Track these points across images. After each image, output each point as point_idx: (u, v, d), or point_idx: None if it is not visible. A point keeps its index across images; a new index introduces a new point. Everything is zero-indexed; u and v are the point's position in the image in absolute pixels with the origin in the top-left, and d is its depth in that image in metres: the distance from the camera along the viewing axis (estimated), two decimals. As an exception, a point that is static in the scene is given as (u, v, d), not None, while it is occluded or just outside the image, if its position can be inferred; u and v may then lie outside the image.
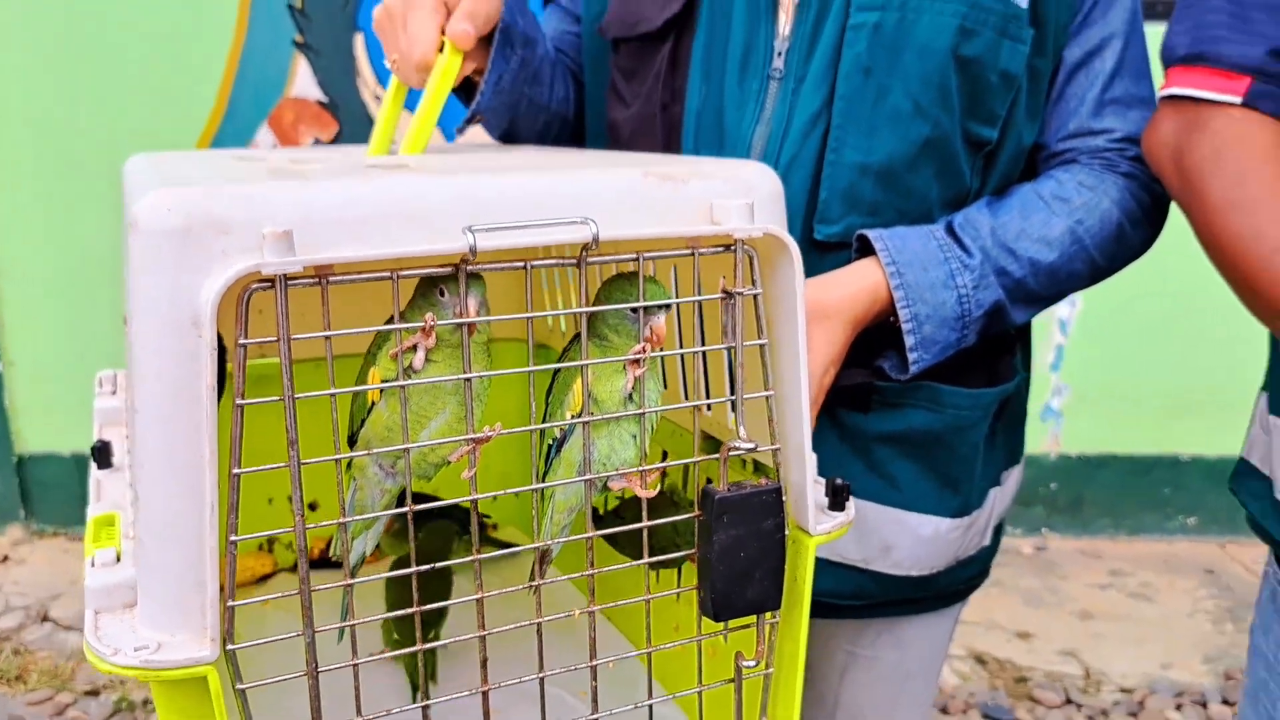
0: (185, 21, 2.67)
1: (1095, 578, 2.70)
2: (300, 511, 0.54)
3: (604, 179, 0.60)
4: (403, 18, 0.80)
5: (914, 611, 0.97)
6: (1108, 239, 0.88)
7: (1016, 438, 0.99)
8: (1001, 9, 0.84)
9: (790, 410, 0.66)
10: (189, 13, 2.66)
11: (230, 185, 0.54)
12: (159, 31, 2.67)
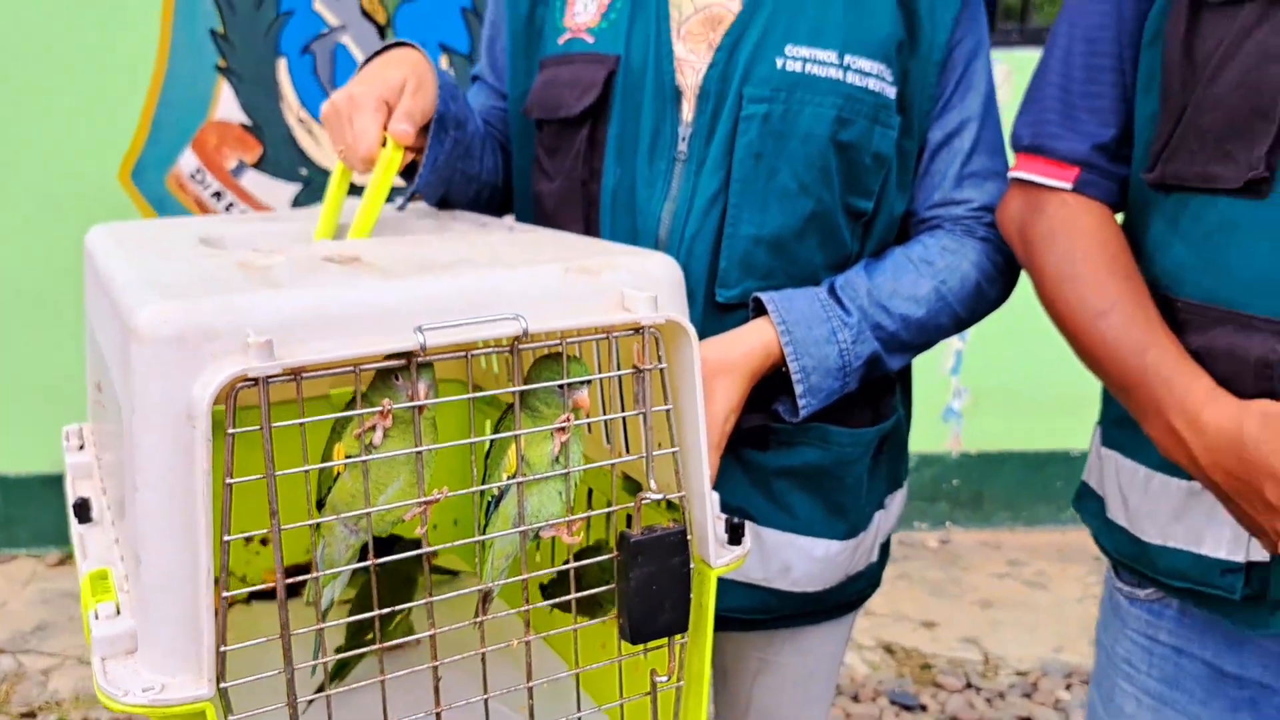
0: (107, 47, 2.69)
1: (995, 568, 2.90)
2: (281, 570, 0.64)
3: (531, 276, 0.72)
4: (349, 116, 0.90)
5: (813, 622, 1.10)
6: (967, 296, 1.02)
7: (898, 466, 1.13)
8: (873, 100, 0.97)
9: (693, 462, 0.78)
10: (111, 38, 2.69)
11: (216, 297, 0.64)
12: (82, 57, 2.69)
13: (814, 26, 0.96)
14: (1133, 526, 0.93)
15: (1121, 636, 0.99)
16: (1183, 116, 0.83)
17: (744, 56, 0.96)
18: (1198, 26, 0.82)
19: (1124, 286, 0.87)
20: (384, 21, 2.84)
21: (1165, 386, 0.83)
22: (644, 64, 0.98)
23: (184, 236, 0.91)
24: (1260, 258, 0.79)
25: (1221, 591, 0.86)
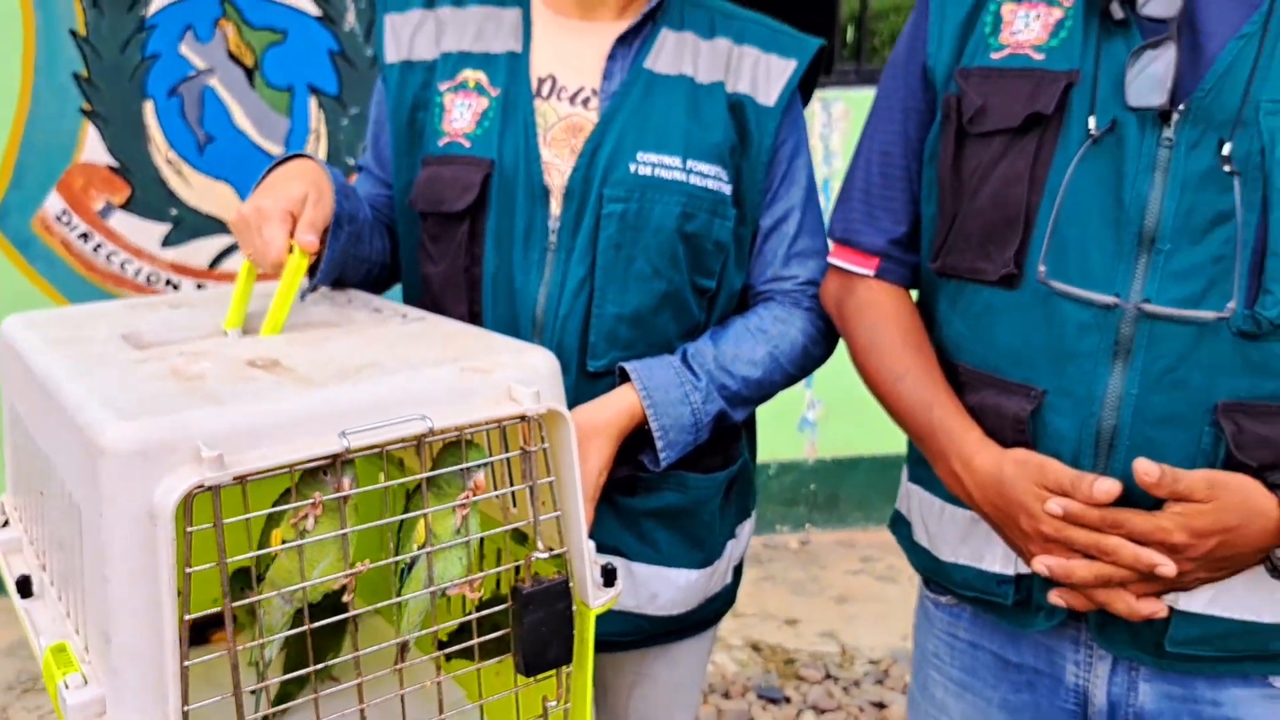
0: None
1: (850, 565, 3.16)
2: (232, 639, 0.77)
3: (433, 378, 0.86)
4: (257, 227, 1.01)
5: (679, 638, 1.28)
6: (796, 357, 1.21)
7: (746, 499, 1.31)
8: (711, 197, 1.15)
9: (572, 522, 0.93)
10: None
11: (169, 416, 0.76)
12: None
13: (660, 136, 1.13)
14: (932, 547, 1.13)
15: (930, 635, 1.20)
16: (954, 222, 1.03)
17: (602, 162, 1.12)
18: (962, 151, 1.02)
19: (915, 356, 1.07)
20: (251, 64, 2.90)
21: (946, 437, 1.03)
22: (515, 166, 1.13)
23: (104, 333, 1.01)
24: (1013, 335, 1.00)
25: (998, 598, 1.07)
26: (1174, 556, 0.91)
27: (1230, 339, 0.92)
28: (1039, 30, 1.00)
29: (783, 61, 1.18)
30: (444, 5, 1.20)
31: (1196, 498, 0.91)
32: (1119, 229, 0.95)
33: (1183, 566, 0.92)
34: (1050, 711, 1.10)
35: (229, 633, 0.77)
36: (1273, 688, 1.01)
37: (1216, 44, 0.93)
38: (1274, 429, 0.92)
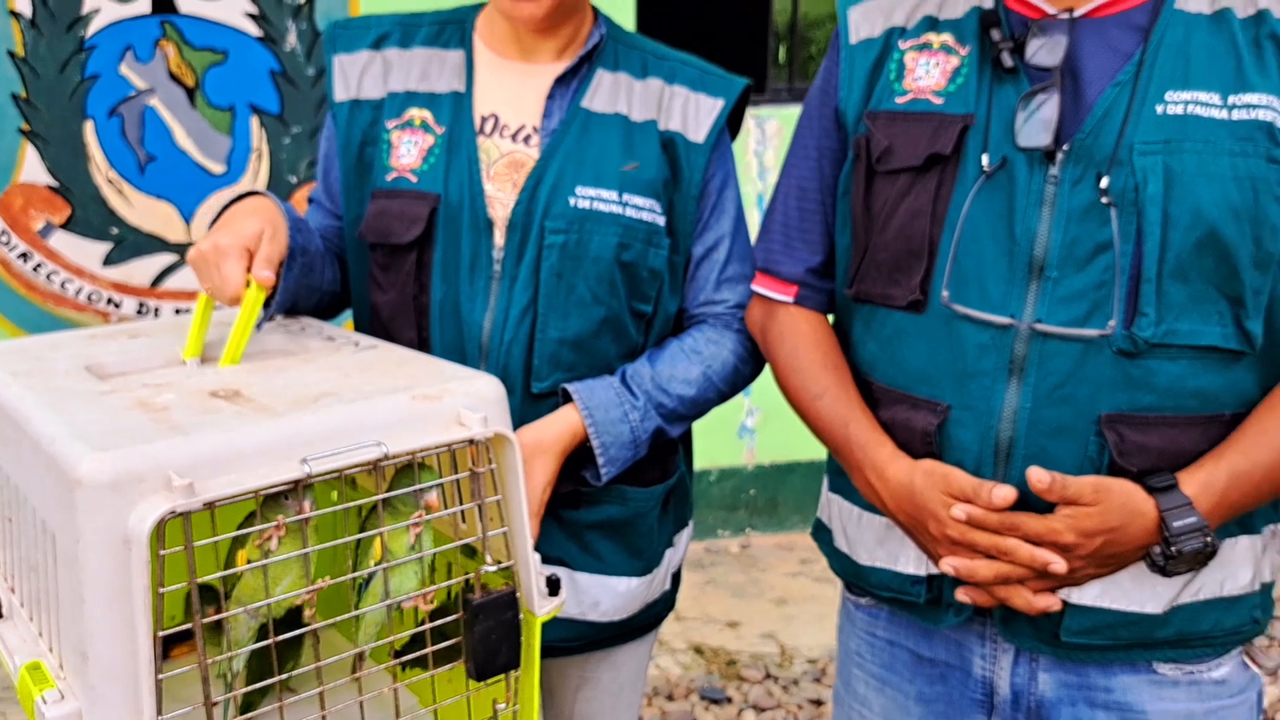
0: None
1: (789, 568, 3.26)
2: (203, 653, 0.83)
3: (386, 406, 0.93)
4: (216, 263, 1.07)
5: (621, 642, 1.35)
6: (728, 375, 1.29)
7: (683, 509, 1.39)
8: (646, 228, 1.22)
9: (518, 537, 1.00)
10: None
11: (140, 446, 0.82)
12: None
13: (597, 171, 1.21)
14: (851, 552, 1.22)
15: (852, 635, 1.29)
16: (866, 252, 1.12)
17: (544, 196, 1.20)
18: (871, 188, 1.11)
19: (833, 376, 1.16)
20: (192, 84, 2.92)
21: (862, 450, 1.12)
22: (461, 200, 1.20)
23: (67, 364, 1.06)
24: (920, 356, 1.09)
25: (912, 598, 1.16)
26: (1065, 555, 1.01)
27: (1111, 357, 1.02)
28: (938, 77, 1.09)
29: (711, 100, 1.26)
30: (390, 46, 1.27)
31: (1084, 501, 1.00)
32: (1012, 257, 1.04)
33: (1073, 564, 1.02)
34: (961, 702, 1.20)
35: (200, 647, 0.83)
36: (1156, 674, 1.12)
37: (1095, 91, 1.03)
38: (1152, 438, 1.03)
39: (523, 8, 1.17)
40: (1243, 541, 1.09)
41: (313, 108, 3.03)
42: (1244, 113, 1.00)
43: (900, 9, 1.14)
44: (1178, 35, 1.02)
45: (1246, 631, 1.12)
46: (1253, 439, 1.02)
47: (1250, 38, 1.01)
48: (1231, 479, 1.01)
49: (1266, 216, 0.99)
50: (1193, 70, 1.01)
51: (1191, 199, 0.99)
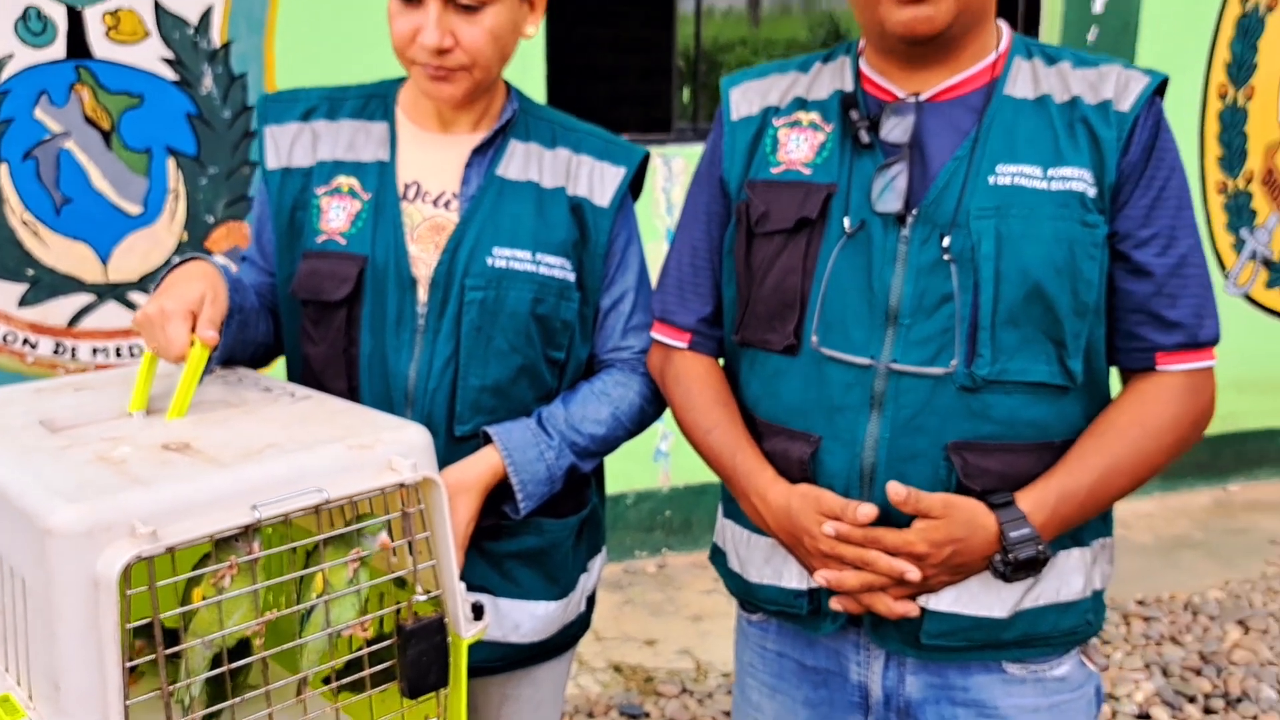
0: None
1: (704, 585, 3.40)
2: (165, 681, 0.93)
3: (326, 456, 1.04)
4: (161, 325, 1.16)
5: (540, 661, 1.46)
6: (635, 415, 1.43)
7: (596, 537, 1.51)
8: (558, 284, 1.36)
9: (446, 569, 1.12)
10: None
11: (106, 498, 0.92)
12: None
13: (512, 234, 1.33)
14: (743, 571, 1.36)
15: (745, 648, 1.43)
16: (748, 303, 1.27)
17: (463, 256, 1.32)
18: (751, 247, 1.26)
19: (722, 412, 1.31)
20: (108, 127, 2.96)
21: (747, 478, 1.26)
22: (387, 261, 1.32)
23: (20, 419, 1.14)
24: (795, 393, 1.24)
25: (796, 610, 1.30)
26: (919, 564, 1.16)
27: (955, 392, 1.18)
28: (807, 150, 1.25)
29: (614, 168, 1.40)
30: (318, 119, 1.38)
31: (934, 515, 1.16)
32: (871, 307, 1.20)
33: (926, 572, 1.17)
34: (841, 704, 1.35)
35: (162, 676, 0.93)
36: (1006, 673, 1.28)
37: (938, 163, 1.20)
38: (992, 462, 1.19)
39: (443, 89, 1.29)
40: (1075, 553, 1.26)
41: (229, 149, 3.09)
42: (1061, 183, 1.17)
43: (775, 90, 1.30)
44: (1006, 117, 1.20)
45: (1082, 633, 1.29)
46: (1077, 462, 1.20)
47: (1065, 121, 1.19)
48: (1060, 497, 1.18)
49: (1081, 272, 1.17)
50: (1019, 147, 1.19)
51: (1019, 257, 1.16)
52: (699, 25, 3.66)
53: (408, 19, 1.27)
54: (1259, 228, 4.04)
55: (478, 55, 1.28)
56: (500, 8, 1.28)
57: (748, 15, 4.71)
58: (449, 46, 1.26)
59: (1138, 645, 3.01)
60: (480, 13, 1.26)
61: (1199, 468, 4.20)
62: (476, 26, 1.27)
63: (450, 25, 1.26)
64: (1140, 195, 1.19)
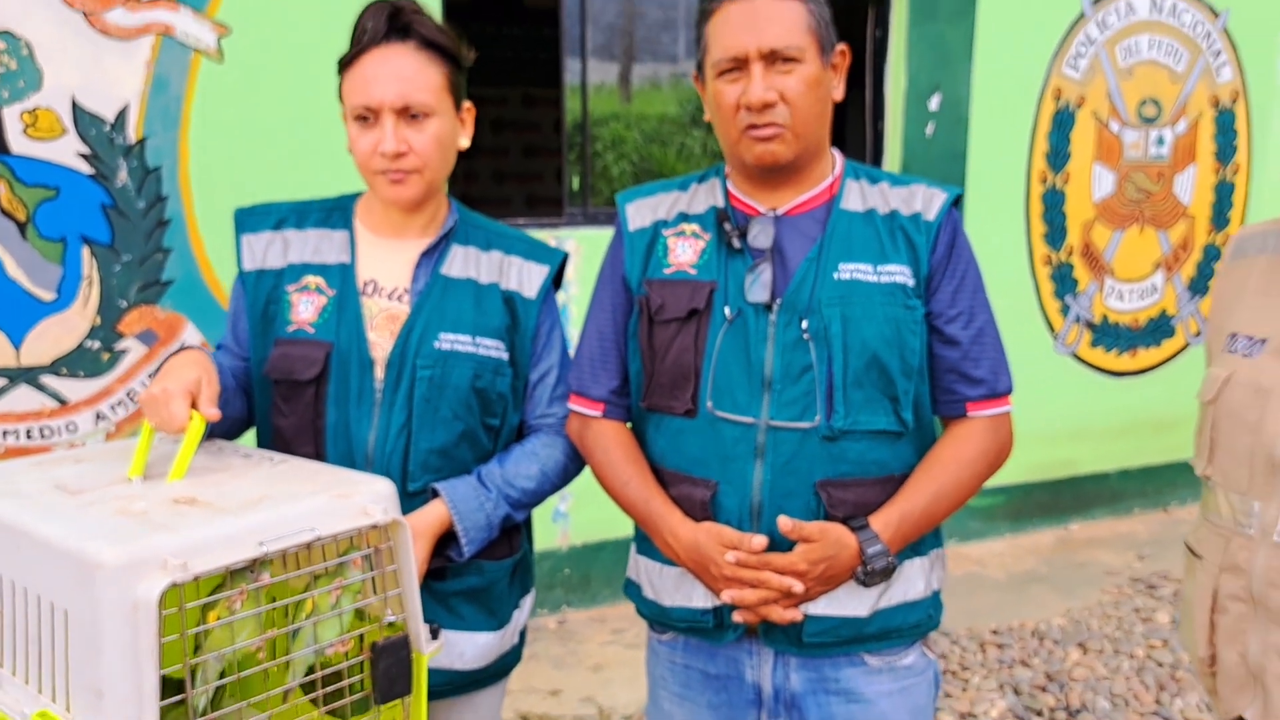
0: None
1: (603, 638, 3.62)
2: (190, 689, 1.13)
3: (315, 504, 1.27)
4: (165, 403, 1.37)
5: (480, 687, 1.69)
6: (560, 471, 1.68)
7: (527, 578, 1.75)
8: (494, 362, 1.61)
9: (409, 596, 1.35)
10: None
11: (142, 540, 1.13)
12: None
13: (455, 321, 1.59)
14: (656, 598, 1.63)
15: (657, 664, 1.69)
16: (652, 376, 1.56)
17: (414, 341, 1.57)
18: (652, 332, 1.55)
19: (634, 467, 1.58)
20: (24, 219, 3.09)
21: (660, 520, 1.54)
22: (349, 346, 1.56)
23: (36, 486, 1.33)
24: (695, 447, 1.53)
25: (703, 624, 1.57)
26: (801, 579, 1.45)
27: (819, 441, 1.48)
28: (691, 254, 1.56)
29: (539, 266, 1.68)
30: (288, 228, 1.63)
31: (814, 539, 1.46)
32: (750, 377, 1.50)
33: (807, 585, 1.46)
34: (739, 704, 1.61)
35: (188, 684, 1.14)
36: (866, 664, 1.57)
37: (794, 263, 1.52)
38: (848, 494, 1.49)
39: (401, 191, 1.55)
40: (917, 562, 1.57)
41: (143, 237, 3.24)
42: (888, 277, 1.51)
43: (663, 206, 1.61)
44: (844, 226, 1.53)
45: (924, 626, 1.60)
46: (913, 490, 1.51)
47: (888, 229, 1.53)
48: (901, 518, 1.49)
49: (907, 344, 1.50)
50: (854, 249, 1.52)
51: (860, 334, 1.48)
52: (585, 111, 4.00)
53: (368, 137, 1.53)
54: (1081, 294, 4.58)
55: (427, 158, 1.55)
56: (440, 119, 1.56)
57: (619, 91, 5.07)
58: (404, 151, 1.53)
59: (992, 669, 3.37)
60: (426, 121, 1.54)
61: (1043, 510, 4.67)
62: (424, 134, 1.54)
63: (403, 134, 1.53)
64: (946, 283, 1.53)
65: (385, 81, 1.51)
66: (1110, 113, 4.49)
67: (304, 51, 3.27)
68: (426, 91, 1.53)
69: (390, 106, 1.51)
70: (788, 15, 1.46)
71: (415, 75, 1.52)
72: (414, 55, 1.53)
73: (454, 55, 1.58)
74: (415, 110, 1.52)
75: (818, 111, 1.50)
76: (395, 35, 1.53)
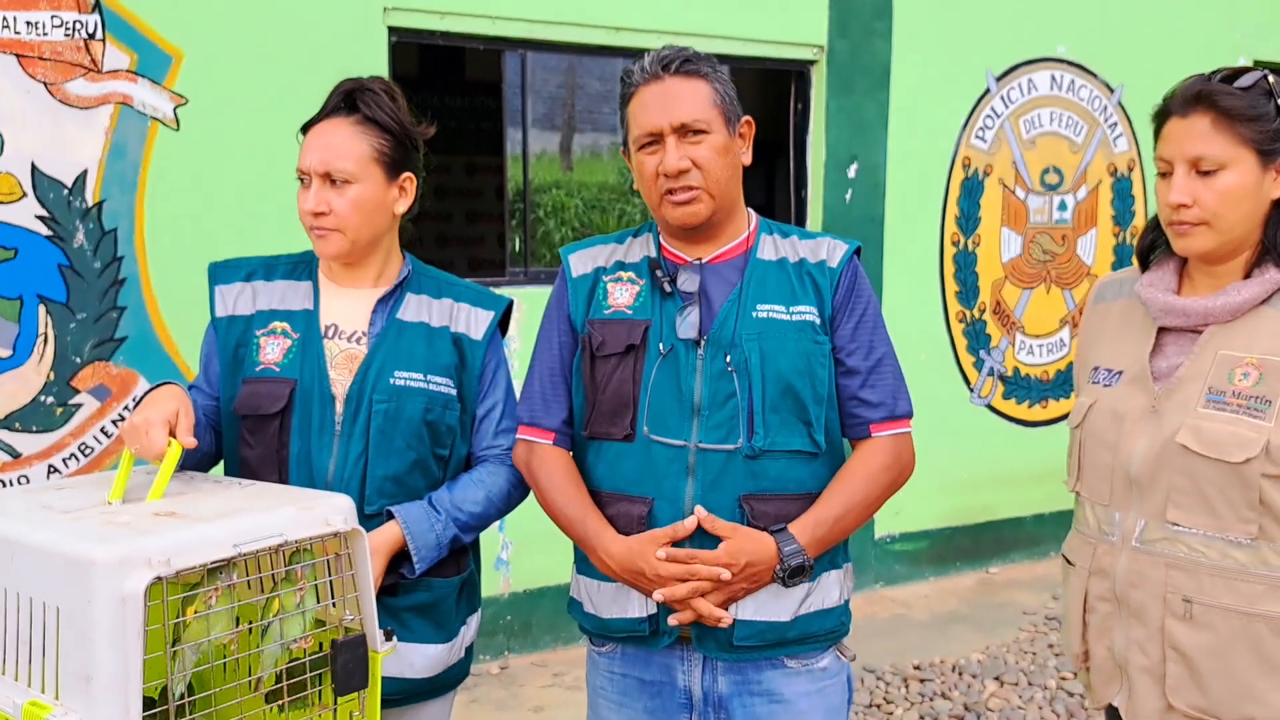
0: None
1: (544, 681, 3.72)
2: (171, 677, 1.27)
3: (283, 514, 1.42)
4: (145, 431, 1.52)
5: (430, 697, 1.82)
6: (504, 497, 1.84)
7: (474, 598, 1.89)
8: (444, 397, 1.78)
9: (365, 599, 1.50)
10: None
11: (129, 541, 1.27)
12: None
13: (408, 360, 1.76)
14: (596, 611, 1.77)
15: (596, 675, 1.84)
16: (594, 406, 1.74)
17: (371, 378, 1.74)
18: (594, 366, 1.73)
19: (575, 491, 1.74)
20: (-20, 281, 3.19)
21: (595, 538, 1.70)
22: (311, 384, 1.72)
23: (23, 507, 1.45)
24: (633, 469, 1.70)
25: (640, 632, 1.72)
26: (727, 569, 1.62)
27: (742, 461, 1.67)
28: (628, 297, 1.75)
29: (485, 312, 1.86)
30: (257, 279, 1.80)
31: (727, 535, 1.62)
32: (681, 405, 1.69)
33: (732, 577, 1.62)
34: (672, 708, 1.77)
35: (169, 670, 1.27)
36: (787, 667, 1.74)
37: (718, 304, 1.72)
38: (769, 508, 1.67)
39: (324, 247, 1.74)
40: (833, 573, 1.75)
41: (98, 296, 3.35)
42: (799, 316, 1.71)
43: (602, 256, 1.81)
44: (759, 273, 1.74)
45: (838, 632, 1.77)
46: (825, 502, 1.70)
47: (797, 275, 1.74)
48: (816, 524, 1.67)
49: (816, 374, 1.70)
50: (769, 292, 1.72)
51: (775, 366, 1.68)
52: (526, 178, 4.22)
53: (302, 197, 1.74)
54: (994, 349, 4.88)
55: (345, 219, 1.73)
56: (363, 186, 1.74)
57: (560, 159, 5.29)
58: (324, 211, 1.72)
59: (915, 702, 3.54)
60: (347, 187, 1.73)
61: (965, 554, 4.89)
62: (343, 197, 1.73)
63: (325, 197, 1.72)
64: (848, 321, 1.75)
65: (314, 150, 1.72)
66: (1016, 180, 4.83)
67: (255, 121, 3.45)
68: (348, 160, 1.72)
69: (316, 171, 1.72)
70: (695, 94, 1.68)
71: (341, 145, 1.72)
72: (349, 128, 1.73)
73: (392, 131, 1.76)
74: (335, 177, 1.72)
75: (728, 175, 1.72)
76: (342, 110, 1.75)
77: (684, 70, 1.70)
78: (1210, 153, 1.59)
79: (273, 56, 3.47)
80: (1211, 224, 1.61)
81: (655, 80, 1.69)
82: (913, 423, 1.79)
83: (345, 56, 3.45)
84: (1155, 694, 1.67)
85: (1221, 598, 1.59)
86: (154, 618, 1.27)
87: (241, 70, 3.44)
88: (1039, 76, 4.81)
